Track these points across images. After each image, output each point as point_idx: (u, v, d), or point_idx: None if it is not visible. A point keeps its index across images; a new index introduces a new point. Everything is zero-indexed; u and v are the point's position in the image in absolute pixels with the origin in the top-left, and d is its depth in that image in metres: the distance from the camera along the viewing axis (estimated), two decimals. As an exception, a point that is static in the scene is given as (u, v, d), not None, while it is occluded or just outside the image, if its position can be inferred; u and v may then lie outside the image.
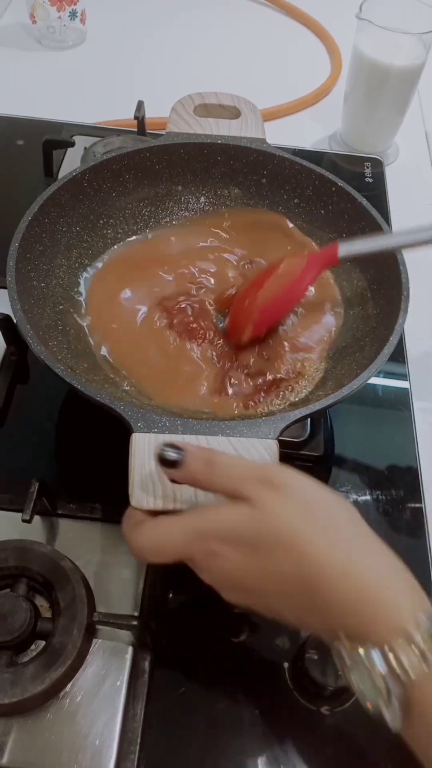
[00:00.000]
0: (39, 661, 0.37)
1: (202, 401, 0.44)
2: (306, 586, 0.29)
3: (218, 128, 0.51)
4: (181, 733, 0.37)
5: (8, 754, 0.36)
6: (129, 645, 0.39)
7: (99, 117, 0.75)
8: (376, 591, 0.29)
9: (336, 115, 0.77)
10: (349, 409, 0.53)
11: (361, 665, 0.28)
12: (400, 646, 0.27)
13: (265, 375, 0.45)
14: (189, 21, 0.93)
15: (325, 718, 0.38)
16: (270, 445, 0.35)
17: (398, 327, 0.41)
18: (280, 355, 0.46)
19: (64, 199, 0.47)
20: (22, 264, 0.42)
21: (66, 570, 0.39)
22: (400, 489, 0.49)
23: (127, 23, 0.92)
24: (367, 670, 0.28)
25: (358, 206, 0.48)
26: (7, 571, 0.40)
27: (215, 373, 0.45)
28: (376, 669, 0.27)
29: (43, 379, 0.52)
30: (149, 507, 0.34)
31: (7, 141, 0.71)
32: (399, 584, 0.30)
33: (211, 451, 0.33)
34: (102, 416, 0.36)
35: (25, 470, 0.46)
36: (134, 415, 0.35)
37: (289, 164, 0.51)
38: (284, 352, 0.46)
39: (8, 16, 0.90)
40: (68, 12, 0.82)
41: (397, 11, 0.66)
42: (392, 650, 0.27)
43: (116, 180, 0.50)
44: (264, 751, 0.37)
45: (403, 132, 0.76)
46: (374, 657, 0.27)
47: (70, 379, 0.37)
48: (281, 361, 0.46)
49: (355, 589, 0.29)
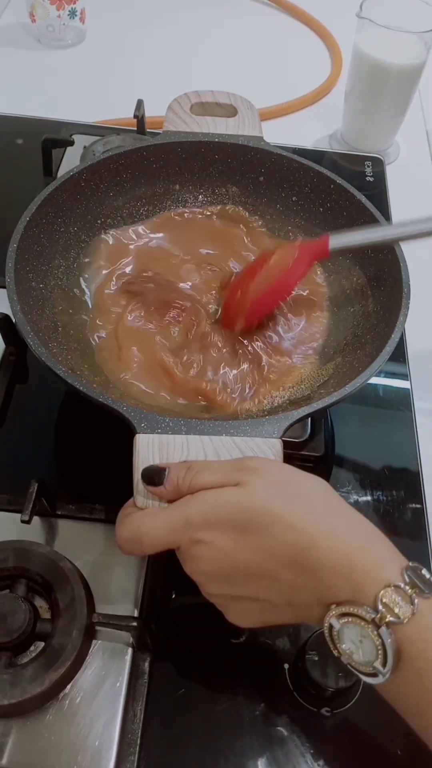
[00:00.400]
0: (38, 662, 0.37)
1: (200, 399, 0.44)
2: (296, 555, 0.30)
3: (215, 126, 0.51)
4: (181, 735, 0.37)
5: (8, 755, 0.35)
6: (128, 646, 0.39)
7: (98, 116, 0.75)
8: (363, 549, 0.31)
9: (336, 114, 0.77)
10: (349, 409, 0.53)
11: (353, 627, 0.30)
12: (390, 596, 0.29)
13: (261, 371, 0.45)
14: (189, 20, 0.93)
15: (326, 719, 0.38)
16: (274, 444, 0.35)
17: (399, 324, 0.41)
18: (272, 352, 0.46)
19: (61, 199, 0.47)
20: (21, 265, 0.42)
21: (65, 571, 0.39)
22: (401, 489, 0.48)
23: (126, 22, 0.92)
24: (361, 629, 0.29)
25: (358, 204, 0.48)
26: (7, 572, 0.39)
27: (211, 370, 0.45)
28: (370, 624, 0.29)
29: (43, 379, 0.52)
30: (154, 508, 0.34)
31: (6, 140, 0.71)
32: (381, 543, 0.32)
33: (187, 462, 0.34)
34: (101, 416, 0.36)
35: (24, 471, 0.46)
36: (137, 416, 0.35)
37: (287, 162, 0.51)
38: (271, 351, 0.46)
39: (7, 15, 0.90)
40: (68, 11, 0.82)
41: (398, 10, 0.66)
42: (383, 602, 0.29)
43: (113, 179, 0.50)
44: (264, 752, 0.37)
45: (404, 131, 0.76)
46: (368, 612, 0.29)
47: (71, 381, 0.37)
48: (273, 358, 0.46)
49: (344, 550, 0.30)
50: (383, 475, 0.49)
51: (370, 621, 0.29)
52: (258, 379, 0.45)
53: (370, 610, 0.29)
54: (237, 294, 0.46)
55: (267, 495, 0.31)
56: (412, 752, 0.31)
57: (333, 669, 0.37)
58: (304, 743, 0.38)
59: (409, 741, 0.31)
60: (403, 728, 0.31)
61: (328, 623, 0.30)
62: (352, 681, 0.37)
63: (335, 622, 0.30)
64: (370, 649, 0.29)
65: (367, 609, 0.29)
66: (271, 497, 0.31)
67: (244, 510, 0.31)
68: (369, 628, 0.29)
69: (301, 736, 0.38)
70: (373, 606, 0.29)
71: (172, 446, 0.35)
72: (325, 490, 0.33)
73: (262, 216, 0.54)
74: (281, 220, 0.53)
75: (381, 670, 0.29)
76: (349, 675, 0.37)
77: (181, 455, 0.35)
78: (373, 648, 0.29)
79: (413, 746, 0.31)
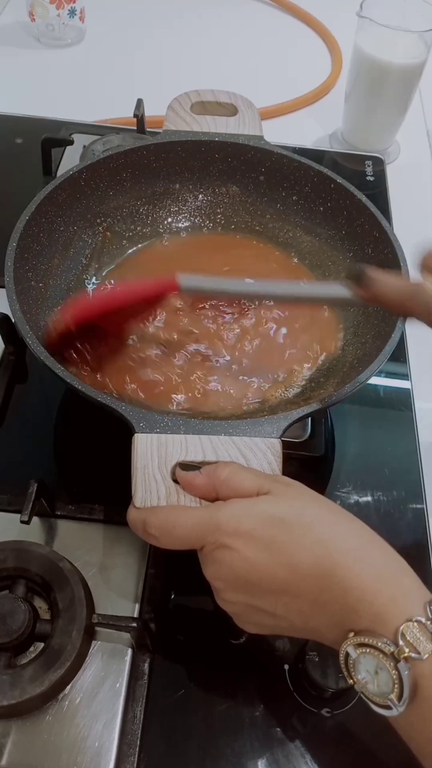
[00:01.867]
0: (38, 662, 0.37)
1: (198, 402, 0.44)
2: (321, 573, 0.30)
3: (215, 126, 0.51)
4: (181, 736, 0.37)
5: (7, 755, 0.35)
6: (128, 647, 0.39)
7: (98, 115, 0.74)
8: (388, 578, 0.30)
9: (337, 114, 0.77)
10: (350, 409, 0.53)
11: (370, 658, 0.29)
12: (411, 632, 0.28)
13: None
14: (189, 19, 0.93)
15: (326, 720, 0.38)
16: (273, 444, 0.35)
17: (399, 324, 0.41)
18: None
19: (61, 198, 0.47)
20: (20, 264, 0.42)
21: (65, 571, 0.39)
22: (402, 490, 0.48)
23: (126, 21, 0.92)
24: (378, 661, 0.28)
25: (358, 203, 0.48)
26: (6, 573, 0.39)
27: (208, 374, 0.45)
28: (388, 657, 0.28)
29: (42, 379, 0.52)
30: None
31: (5, 139, 0.71)
32: (406, 575, 0.31)
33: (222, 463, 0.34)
34: (101, 416, 0.36)
35: (24, 471, 0.46)
36: (136, 415, 0.35)
37: (288, 161, 0.51)
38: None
39: (7, 14, 0.90)
40: (67, 10, 0.82)
41: (398, 9, 0.66)
42: (404, 636, 0.28)
43: (113, 178, 0.50)
44: (264, 753, 0.37)
45: (404, 130, 0.76)
46: (387, 645, 0.28)
47: (70, 380, 0.36)
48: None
49: (369, 576, 0.30)
50: (383, 475, 0.49)
51: (388, 654, 0.28)
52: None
53: (390, 642, 0.28)
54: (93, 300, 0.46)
55: (300, 507, 0.31)
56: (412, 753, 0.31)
57: (333, 670, 0.37)
58: (304, 744, 0.37)
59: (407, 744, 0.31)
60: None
61: (344, 651, 0.30)
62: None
63: (352, 651, 0.29)
64: (386, 682, 0.29)
65: (386, 641, 0.28)
66: (304, 510, 0.31)
67: (277, 520, 0.31)
68: (387, 660, 0.28)
69: (301, 737, 0.38)
70: (393, 639, 0.28)
71: (170, 446, 0.35)
72: (353, 516, 0.33)
73: (262, 215, 0.54)
74: (281, 219, 0.53)
75: (396, 704, 0.28)
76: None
77: (179, 455, 0.34)
78: (389, 680, 0.28)
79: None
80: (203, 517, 0.32)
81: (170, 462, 0.34)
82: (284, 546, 0.30)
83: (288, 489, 0.32)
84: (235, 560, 0.31)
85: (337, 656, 0.31)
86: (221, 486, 0.33)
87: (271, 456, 0.35)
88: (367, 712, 0.38)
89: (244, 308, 0.47)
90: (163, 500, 0.33)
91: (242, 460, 0.34)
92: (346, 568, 0.30)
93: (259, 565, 0.31)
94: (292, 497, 0.32)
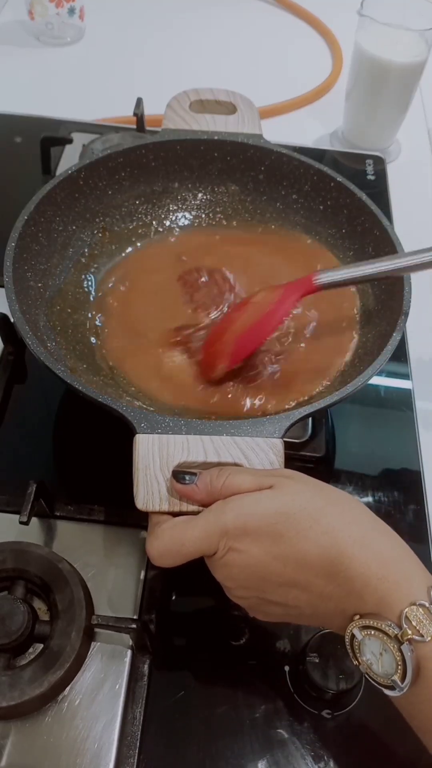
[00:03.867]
0: (37, 664, 0.37)
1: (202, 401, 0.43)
2: (329, 563, 0.30)
3: (214, 124, 0.51)
4: (181, 737, 0.37)
5: (6, 757, 0.35)
6: (128, 648, 0.39)
7: (98, 114, 0.74)
8: (392, 563, 0.30)
9: (337, 113, 0.77)
10: (350, 409, 0.52)
11: (375, 640, 0.29)
12: (415, 614, 0.29)
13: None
14: (189, 17, 0.93)
15: (327, 721, 0.38)
16: (275, 443, 0.35)
17: (401, 323, 0.40)
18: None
19: (59, 197, 0.47)
20: (20, 264, 0.42)
21: (64, 572, 0.39)
22: (402, 490, 0.48)
23: (125, 20, 0.91)
24: (382, 642, 0.29)
25: (358, 201, 0.48)
26: (5, 574, 0.39)
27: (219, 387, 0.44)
28: (392, 639, 0.29)
29: (41, 379, 0.52)
30: (154, 509, 0.33)
31: (5, 138, 0.71)
32: (410, 559, 0.31)
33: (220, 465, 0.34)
34: (100, 417, 0.36)
35: (23, 471, 0.46)
36: (137, 416, 0.35)
37: (287, 160, 0.50)
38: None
39: (6, 12, 0.90)
40: (67, 8, 0.82)
41: (399, 8, 0.65)
42: (408, 619, 0.29)
43: (112, 177, 0.50)
44: (264, 755, 0.37)
45: (405, 129, 0.76)
46: (391, 628, 0.29)
47: (71, 380, 0.36)
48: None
49: (374, 562, 0.30)
50: (384, 475, 0.49)
51: (392, 636, 0.29)
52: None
53: (394, 625, 0.29)
54: (220, 335, 0.44)
55: (304, 498, 0.31)
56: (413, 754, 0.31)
57: (333, 671, 0.37)
58: (304, 746, 0.37)
59: (409, 743, 0.31)
60: (404, 730, 0.31)
61: (350, 633, 0.30)
62: (353, 683, 0.37)
63: (358, 633, 0.30)
64: (390, 663, 0.29)
65: (390, 624, 0.29)
66: (308, 501, 0.31)
67: (282, 514, 0.31)
68: (391, 642, 0.29)
69: (302, 739, 0.38)
70: (397, 622, 0.29)
71: (172, 446, 0.34)
72: (357, 502, 0.33)
73: (262, 214, 0.53)
74: (281, 218, 0.53)
75: (399, 684, 0.29)
76: (349, 677, 0.37)
77: (181, 455, 0.34)
78: (393, 662, 0.29)
79: (414, 748, 0.31)
80: (209, 526, 0.32)
81: (172, 463, 0.34)
82: (291, 540, 0.31)
83: (290, 481, 0.32)
84: (245, 561, 0.31)
85: (337, 658, 0.31)
86: (220, 495, 0.32)
87: (273, 456, 0.35)
88: (367, 714, 0.38)
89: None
90: (165, 502, 0.33)
91: (244, 460, 0.34)
92: (353, 557, 0.30)
93: (268, 562, 0.31)
94: (295, 489, 0.32)
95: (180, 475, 0.33)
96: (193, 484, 0.33)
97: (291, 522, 0.31)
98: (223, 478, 0.32)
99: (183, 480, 0.33)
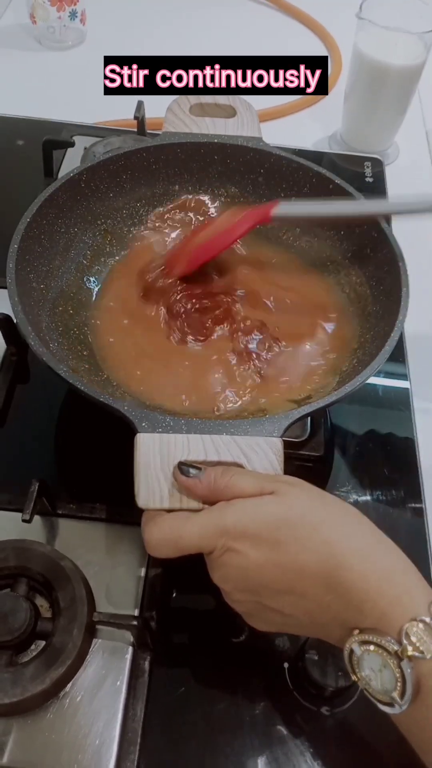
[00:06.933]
0: (39, 660, 0.37)
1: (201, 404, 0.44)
2: (328, 573, 0.30)
3: (214, 127, 0.51)
4: (181, 733, 0.37)
5: (8, 753, 0.36)
6: (129, 645, 0.39)
7: (99, 117, 0.75)
8: (393, 577, 0.30)
9: (336, 115, 0.77)
10: (349, 409, 0.53)
11: (374, 656, 0.29)
12: (415, 631, 0.28)
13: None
14: (189, 21, 0.93)
15: (326, 718, 0.38)
16: (274, 443, 0.35)
17: (399, 323, 0.41)
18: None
19: (62, 200, 0.47)
20: (22, 266, 0.43)
21: (66, 570, 0.39)
22: (401, 489, 0.49)
23: (126, 23, 0.92)
24: (382, 659, 0.29)
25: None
26: (7, 571, 0.40)
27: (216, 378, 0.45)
28: (392, 656, 0.28)
29: (43, 379, 0.52)
30: (155, 507, 0.34)
31: (7, 141, 0.71)
32: (411, 574, 0.31)
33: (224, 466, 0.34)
34: (102, 416, 0.36)
35: (25, 470, 0.46)
36: (138, 415, 0.35)
37: (286, 162, 0.51)
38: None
39: (8, 16, 0.90)
40: (68, 12, 0.82)
41: (398, 11, 0.66)
42: (408, 635, 0.28)
43: (113, 180, 0.50)
44: (264, 751, 0.37)
45: (404, 131, 0.76)
46: (391, 644, 0.29)
47: (73, 380, 0.37)
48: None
49: (375, 575, 0.30)
50: (382, 474, 0.49)
51: (392, 652, 0.28)
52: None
53: (394, 641, 0.28)
54: (184, 244, 0.49)
55: (305, 506, 0.31)
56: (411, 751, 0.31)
57: (333, 668, 0.37)
58: (303, 742, 0.38)
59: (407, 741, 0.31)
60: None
61: (349, 648, 0.30)
62: (352, 680, 0.37)
63: (357, 648, 0.30)
64: (389, 679, 0.29)
65: (390, 640, 0.29)
66: (310, 509, 0.31)
67: (283, 521, 0.31)
68: (390, 659, 0.28)
69: (301, 735, 0.38)
70: (397, 638, 0.29)
71: (173, 445, 0.35)
72: (359, 513, 0.33)
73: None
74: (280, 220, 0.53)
75: (398, 701, 0.29)
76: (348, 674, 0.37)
77: (182, 454, 0.35)
78: (392, 678, 0.29)
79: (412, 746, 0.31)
80: (209, 523, 0.32)
81: (173, 461, 0.34)
82: (290, 547, 0.31)
83: (292, 488, 0.32)
84: (242, 563, 0.31)
85: (336, 655, 0.31)
86: (222, 494, 0.33)
87: (272, 455, 0.35)
88: (366, 711, 0.38)
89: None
90: (166, 500, 0.34)
91: (244, 459, 0.35)
92: (352, 569, 0.30)
93: (265, 567, 0.31)
94: (297, 497, 0.32)
95: (185, 468, 0.33)
96: (197, 479, 0.33)
97: (290, 530, 0.31)
98: (226, 478, 0.33)
99: (188, 473, 0.33)
